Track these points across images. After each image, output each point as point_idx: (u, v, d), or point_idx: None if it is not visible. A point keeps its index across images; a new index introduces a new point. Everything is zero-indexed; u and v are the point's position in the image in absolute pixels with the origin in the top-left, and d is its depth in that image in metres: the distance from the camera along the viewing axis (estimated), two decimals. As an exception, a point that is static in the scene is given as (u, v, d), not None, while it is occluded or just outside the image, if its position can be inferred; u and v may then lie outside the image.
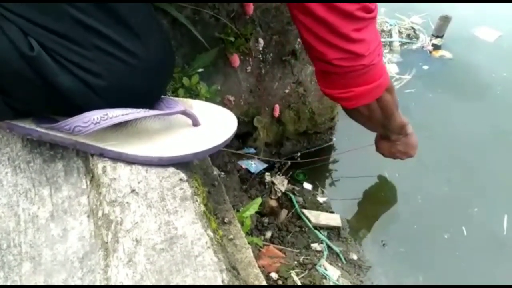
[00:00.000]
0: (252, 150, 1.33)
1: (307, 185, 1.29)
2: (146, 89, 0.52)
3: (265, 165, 1.34)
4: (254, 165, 1.31)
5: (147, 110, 0.51)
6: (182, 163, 0.53)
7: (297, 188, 1.23)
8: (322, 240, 1.06)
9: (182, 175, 0.51)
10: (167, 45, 0.53)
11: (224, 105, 1.20)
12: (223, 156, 1.28)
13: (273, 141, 1.37)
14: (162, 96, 0.57)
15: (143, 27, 0.48)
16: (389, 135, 1.04)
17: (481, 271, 1.11)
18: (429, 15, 1.99)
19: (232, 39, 0.98)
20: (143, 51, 0.48)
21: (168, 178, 0.50)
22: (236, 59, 1.05)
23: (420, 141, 1.11)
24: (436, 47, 1.83)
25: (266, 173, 1.23)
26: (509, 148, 1.41)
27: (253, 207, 0.83)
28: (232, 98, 1.17)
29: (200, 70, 1.01)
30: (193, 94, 0.94)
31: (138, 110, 0.50)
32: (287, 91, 1.23)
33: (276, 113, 1.26)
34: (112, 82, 0.48)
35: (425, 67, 1.75)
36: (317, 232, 1.07)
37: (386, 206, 1.28)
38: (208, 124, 0.58)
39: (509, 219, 1.23)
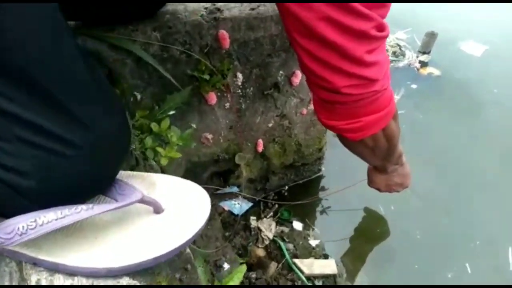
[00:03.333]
0: (235, 189, 1.22)
1: (297, 225, 1.18)
2: (91, 181, 0.40)
3: (250, 204, 1.23)
4: (238, 205, 1.19)
5: (91, 205, 0.39)
6: (139, 270, 0.41)
7: (286, 230, 1.12)
8: (317, 295, 0.95)
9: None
10: (120, 116, 0.42)
11: (201, 144, 1.09)
12: (204, 199, 1.16)
13: (258, 176, 1.26)
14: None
15: (83, 100, 0.37)
16: (386, 167, 0.95)
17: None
18: (414, 31, 1.93)
19: (207, 76, 0.87)
20: (83, 136, 0.37)
21: (120, 298, 0.39)
22: (212, 97, 0.94)
23: (414, 169, 1.02)
24: (424, 64, 1.76)
25: (252, 217, 1.11)
26: (510, 172, 1.34)
27: (237, 276, 0.72)
28: (210, 136, 1.06)
29: (172, 112, 0.89)
30: (162, 142, 0.83)
31: (78, 208, 0.39)
32: (270, 125, 1.13)
33: (260, 148, 1.16)
34: (43, 181, 0.36)
35: (414, 86, 1.67)
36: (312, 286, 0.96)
37: (383, 244, 1.18)
38: (174, 208, 0.46)
39: (514, 253, 1.15)
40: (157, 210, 0.45)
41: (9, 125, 0.33)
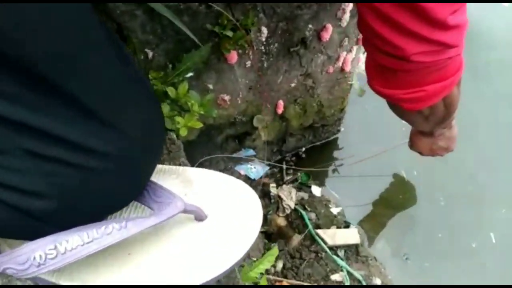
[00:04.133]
0: (251, 152, 1.14)
1: (316, 190, 1.12)
2: (122, 194, 0.32)
3: (267, 168, 1.16)
4: (255, 170, 1.12)
5: (123, 222, 0.31)
6: None
7: (306, 197, 1.06)
8: (342, 267, 0.91)
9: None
10: (154, 114, 0.33)
11: (218, 106, 0.99)
12: (218, 163, 1.09)
13: (275, 138, 1.18)
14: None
15: (109, 98, 0.27)
16: (434, 131, 0.86)
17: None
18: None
19: (230, 33, 0.75)
20: (111, 142, 0.28)
21: None
22: (234, 56, 0.83)
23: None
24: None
25: (271, 185, 1.05)
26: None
27: (268, 259, 0.66)
28: (227, 98, 0.96)
29: (190, 74, 0.79)
30: (180, 110, 0.73)
31: (109, 227, 0.31)
32: (293, 84, 1.02)
33: (280, 110, 1.06)
34: (63, 200, 0.28)
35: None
36: (336, 258, 0.92)
37: (406, 211, 1.14)
38: (219, 214, 0.38)
39: (541, 222, 1.11)
40: (200, 217, 0.37)
41: (12, 134, 0.24)
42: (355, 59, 1.05)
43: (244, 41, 0.79)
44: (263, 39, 0.85)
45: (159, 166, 0.43)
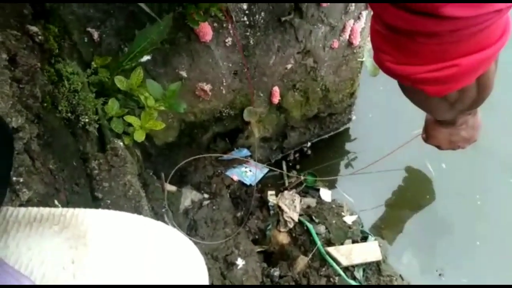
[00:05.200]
0: (246, 152, 0.95)
1: (325, 193, 0.93)
2: None
3: (266, 170, 0.97)
4: (251, 173, 0.93)
5: None
6: None
7: (312, 204, 0.87)
8: (360, 294, 0.73)
9: None
10: None
11: (197, 98, 0.79)
12: (205, 168, 0.90)
13: (273, 133, 0.98)
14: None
15: None
16: (456, 120, 0.67)
17: None
18: None
19: (195, -2, 0.55)
20: None
21: None
22: (207, 31, 0.63)
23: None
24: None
25: (270, 192, 0.86)
26: None
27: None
28: (207, 87, 0.77)
29: (146, 58, 0.59)
30: (133, 107, 0.54)
31: None
32: (289, 66, 0.82)
33: (275, 99, 0.86)
34: None
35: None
36: (353, 282, 0.73)
37: (435, 214, 0.94)
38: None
39: None
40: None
41: None
42: (365, 29, 0.84)
43: (217, 9, 0.59)
44: (244, 7, 0.65)
45: (33, 212, 0.24)
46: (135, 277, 0.22)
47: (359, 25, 0.83)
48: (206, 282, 0.24)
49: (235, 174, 0.92)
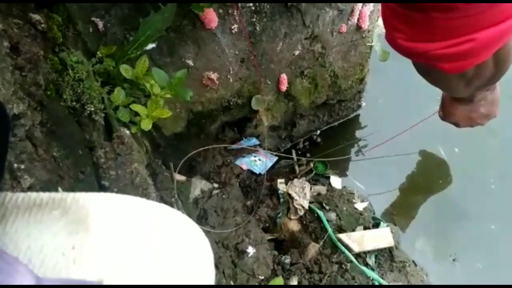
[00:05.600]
0: (254, 141, 0.95)
1: (335, 181, 0.92)
2: None
3: (275, 159, 0.96)
4: (260, 162, 0.93)
5: None
6: None
7: (323, 192, 0.86)
8: (373, 280, 0.72)
9: None
10: None
11: (204, 87, 0.79)
12: (214, 158, 0.90)
13: (282, 122, 0.97)
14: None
15: None
16: (474, 96, 0.65)
17: None
18: None
19: (198, -17, 0.55)
20: None
21: None
22: (212, 18, 0.62)
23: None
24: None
25: (279, 180, 0.85)
26: None
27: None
28: (214, 76, 0.76)
29: (151, 46, 0.59)
30: (139, 96, 0.54)
31: None
32: (297, 52, 0.81)
33: (283, 86, 0.85)
34: None
35: None
36: (365, 269, 0.72)
37: (448, 199, 0.92)
38: None
39: None
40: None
41: None
42: (374, 12, 0.82)
43: (221, -6, 0.59)
44: (250, -8, 0.64)
45: (32, 196, 0.24)
46: (138, 261, 0.22)
47: (368, 8, 0.81)
48: (211, 267, 0.24)
49: (244, 163, 0.91)
